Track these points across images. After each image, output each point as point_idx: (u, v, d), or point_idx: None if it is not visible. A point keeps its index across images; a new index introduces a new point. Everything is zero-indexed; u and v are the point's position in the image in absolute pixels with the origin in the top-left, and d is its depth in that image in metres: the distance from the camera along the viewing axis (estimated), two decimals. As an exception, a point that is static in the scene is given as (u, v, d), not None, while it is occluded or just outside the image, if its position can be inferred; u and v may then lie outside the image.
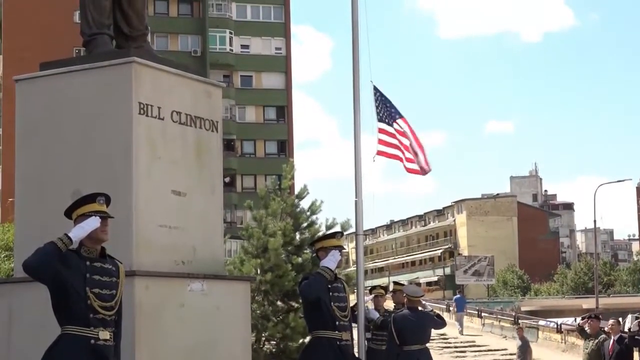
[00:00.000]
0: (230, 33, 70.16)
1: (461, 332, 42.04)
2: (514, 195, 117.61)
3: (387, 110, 11.62)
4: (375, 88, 11.57)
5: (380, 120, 11.65)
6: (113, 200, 6.80)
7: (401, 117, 11.66)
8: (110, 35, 9.41)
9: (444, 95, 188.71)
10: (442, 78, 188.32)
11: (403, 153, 11.60)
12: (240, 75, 70.85)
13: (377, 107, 11.64)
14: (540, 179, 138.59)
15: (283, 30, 71.54)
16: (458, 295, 50.85)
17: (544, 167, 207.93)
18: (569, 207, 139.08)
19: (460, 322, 43.21)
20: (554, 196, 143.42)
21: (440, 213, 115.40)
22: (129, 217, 8.27)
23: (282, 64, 71.13)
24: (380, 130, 11.64)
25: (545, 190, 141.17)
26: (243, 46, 71.02)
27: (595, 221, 58.23)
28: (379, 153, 11.61)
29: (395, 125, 11.59)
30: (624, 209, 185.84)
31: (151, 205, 8.55)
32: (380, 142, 11.63)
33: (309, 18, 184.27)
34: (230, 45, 70.14)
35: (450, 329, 37.87)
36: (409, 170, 11.77)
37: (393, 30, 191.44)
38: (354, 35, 11.10)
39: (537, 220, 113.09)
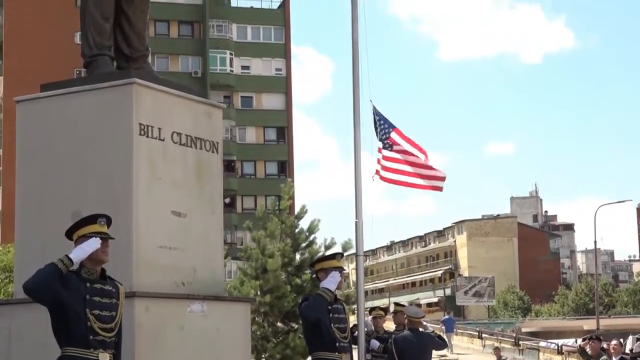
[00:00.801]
0: (231, 54, 70.30)
1: (451, 351, 42.54)
2: (515, 216, 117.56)
3: (382, 128, 11.62)
4: (374, 109, 11.58)
5: (380, 140, 11.66)
6: (113, 221, 6.80)
7: (394, 128, 11.62)
8: (110, 56, 9.43)
9: (444, 116, 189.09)
10: (442, 99, 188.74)
11: (403, 173, 11.58)
12: (241, 96, 70.95)
13: (376, 128, 11.65)
14: (541, 200, 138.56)
15: (283, 51, 71.70)
16: (447, 317, 51.57)
17: (545, 188, 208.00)
18: (569, 227, 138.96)
19: (449, 341, 43.92)
20: (555, 217, 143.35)
21: (440, 234, 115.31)
22: (129, 238, 8.27)
23: (283, 85, 71.24)
24: (380, 151, 11.65)
25: (546, 211, 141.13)
26: (243, 67, 71.15)
27: (595, 242, 58.47)
28: (377, 174, 11.61)
29: (390, 139, 11.56)
30: (624, 229, 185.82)
31: (151, 226, 8.54)
32: (379, 162, 11.64)
33: (310, 40, 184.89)
34: (231, 66, 70.27)
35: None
36: (414, 186, 11.73)
37: (393, 52, 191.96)
38: (354, 57, 11.13)
39: (538, 241, 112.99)
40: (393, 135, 11.61)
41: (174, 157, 8.94)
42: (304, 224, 19.27)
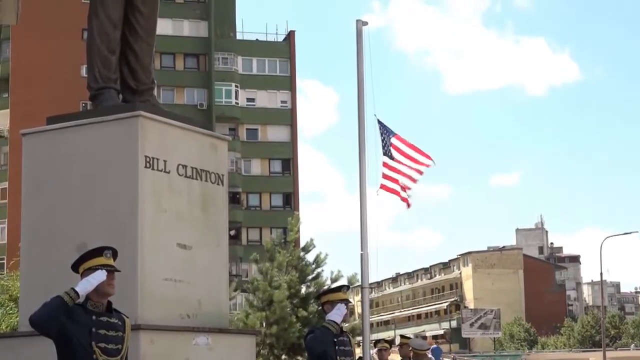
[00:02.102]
0: (236, 86, 70.56)
1: None
2: (520, 248, 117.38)
3: (384, 137, 11.62)
4: (379, 122, 11.59)
5: (384, 154, 11.66)
6: (119, 253, 6.80)
7: (394, 134, 11.61)
8: (116, 89, 9.46)
9: (449, 148, 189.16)
10: (447, 131, 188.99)
11: (403, 186, 11.57)
12: (246, 128, 71.13)
13: (382, 141, 11.65)
14: (546, 232, 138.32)
15: (289, 83, 71.96)
16: (435, 346, 51.62)
17: (550, 220, 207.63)
18: (575, 259, 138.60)
19: None
20: (560, 249, 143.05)
21: (446, 266, 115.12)
22: (134, 271, 8.26)
23: (288, 116, 71.44)
24: (385, 165, 11.65)
25: (551, 243, 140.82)
26: (249, 99, 71.39)
27: (601, 274, 58.14)
28: (382, 187, 11.61)
29: (392, 144, 11.55)
30: (630, 261, 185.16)
31: (157, 258, 8.54)
32: (384, 176, 11.64)
33: (315, 72, 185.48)
34: (236, 98, 70.52)
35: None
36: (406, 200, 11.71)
37: (399, 84, 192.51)
38: (359, 90, 11.16)
39: (544, 273, 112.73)
40: (394, 140, 11.60)
41: (180, 189, 8.96)
42: (310, 256, 19.30)
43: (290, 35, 73.15)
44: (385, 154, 11.63)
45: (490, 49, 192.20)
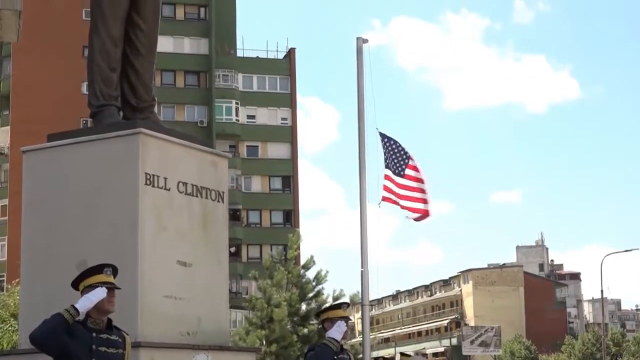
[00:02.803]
0: (237, 103, 70.64)
1: None
2: (520, 265, 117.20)
3: (394, 160, 11.64)
4: (381, 134, 11.60)
5: (386, 167, 11.68)
6: (119, 270, 6.79)
7: (408, 162, 11.64)
8: (117, 106, 9.47)
9: (450, 165, 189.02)
10: (448, 149, 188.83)
11: (408, 198, 11.59)
12: (246, 145, 71.17)
13: (384, 154, 11.68)
14: (547, 249, 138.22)
15: (289, 100, 72.06)
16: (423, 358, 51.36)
17: (551, 237, 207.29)
18: (575, 277, 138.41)
19: None
20: (561, 266, 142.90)
21: (446, 283, 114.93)
22: (134, 288, 8.25)
23: (288, 134, 71.50)
24: (386, 177, 11.67)
25: (552, 260, 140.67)
26: (249, 116, 71.46)
27: (602, 291, 58.00)
28: (384, 199, 11.62)
29: (405, 173, 11.59)
30: (631, 278, 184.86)
31: (157, 275, 8.53)
32: (385, 188, 11.65)
33: (316, 90, 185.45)
34: (237, 115, 70.59)
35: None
36: (413, 210, 11.72)
37: (399, 101, 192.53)
38: (359, 106, 11.20)
39: (544, 290, 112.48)
40: (408, 171, 11.64)
41: (180, 206, 8.96)
42: (310, 273, 19.27)
43: (290, 53, 73.30)
44: (387, 167, 11.64)
45: (491, 66, 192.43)
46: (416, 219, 11.77)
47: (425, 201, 11.63)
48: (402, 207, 11.64)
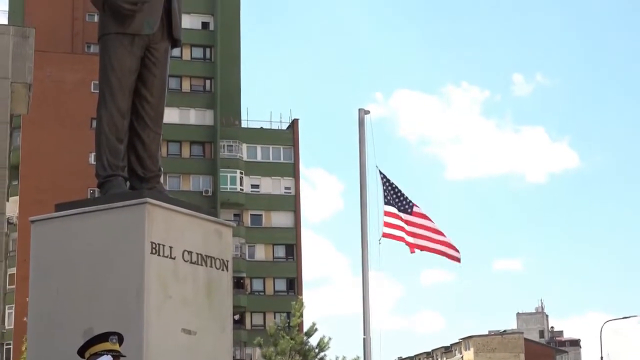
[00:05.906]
0: (241, 173, 70.97)
1: None
2: (521, 332, 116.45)
3: (398, 198, 11.70)
4: (381, 173, 11.71)
5: (387, 203, 11.75)
6: (124, 339, 6.88)
7: (413, 209, 11.72)
8: (124, 176, 9.60)
9: (452, 234, 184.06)
10: (450, 218, 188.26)
11: (413, 235, 11.65)
12: (250, 214, 71.33)
13: (384, 191, 11.76)
14: (547, 316, 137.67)
15: (292, 170, 72.38)
16: None
17: (551, 303, 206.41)
18: (575, 343, 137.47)
19: None
20: (561, 332, 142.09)
21: (447, 350, 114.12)
22: (139, 356, 8.31)
23: (292, 203, 71.69)
24: (387, 213, 11.73)
25: (552, 327, 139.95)
26: (253, 186, 71.74)
27: (602, 357, 57.59)
28: (385, 235, 11.67)
29: (414, 211, 11.65)
30: (630, 345, 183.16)
31: (162, 344, 8.60)
32: (386, 224, 11.71)
33: (320, 160, 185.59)
34: (241, 184, 70.87)
35: None
36: (420, 248, 11.77)
37: (401, 171, 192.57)
38: (361, 176, 11.36)
39: (545, 357, 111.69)
40: (412, 218, 11.71)
41: (185, 275, 9.05)
42: (313, 340, 19.24)
43: (294, 123, 73.84)
44: (387, 203, 11.72)
45: (491, 137, 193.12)
46: (451, 258, 11.79)
47: (451, 246, 11.70)
48: (408, 244, 11.68)
